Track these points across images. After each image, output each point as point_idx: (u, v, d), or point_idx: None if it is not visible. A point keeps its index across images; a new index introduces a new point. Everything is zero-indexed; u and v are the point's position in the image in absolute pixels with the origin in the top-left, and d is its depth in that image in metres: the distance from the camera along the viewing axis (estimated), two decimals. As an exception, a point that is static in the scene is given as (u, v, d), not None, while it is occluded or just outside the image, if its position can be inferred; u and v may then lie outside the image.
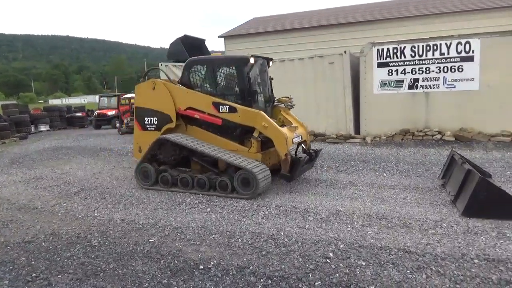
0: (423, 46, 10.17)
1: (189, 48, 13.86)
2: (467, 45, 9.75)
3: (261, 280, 3.57)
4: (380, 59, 10.61)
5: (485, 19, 14.83)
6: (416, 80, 10.34)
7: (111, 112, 20.74)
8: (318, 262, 3.87)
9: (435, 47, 10.06)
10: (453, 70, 9.95)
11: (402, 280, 3.44)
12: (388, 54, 10.52)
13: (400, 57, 10.42)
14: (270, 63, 7.49)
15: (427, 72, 10.20)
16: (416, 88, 10.38)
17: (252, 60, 6.54)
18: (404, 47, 10.36)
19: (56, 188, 7.46)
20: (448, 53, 9.94)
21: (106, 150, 12.18)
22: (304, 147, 7.19)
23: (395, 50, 10.45)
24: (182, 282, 3.60)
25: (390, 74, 10.56)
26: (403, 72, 10.43)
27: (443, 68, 10.04)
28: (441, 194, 5.98)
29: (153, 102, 7.11)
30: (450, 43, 9.89)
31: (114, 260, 4.15)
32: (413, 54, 10.29)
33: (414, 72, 10.33)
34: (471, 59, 9.75)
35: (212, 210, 5.69)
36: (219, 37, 19.94)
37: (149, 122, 7.22)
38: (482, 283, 3.32)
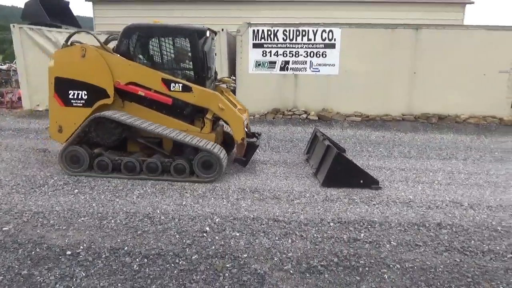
0: (293, 30, 10.93)
1: (49, 10, 12.13)
2: (330, 33, 10.85)
3: (137, 259, 3.50)
4: (256, 40, 11.04)
5: (347, 10, 16.60)
6: (287, 62, 11.11)
7: None
8: (195, 237, 3.96)
9: (304, 33, 10.92)
10: (318, 55, 10.99)
11: (271, 246, 3.79)
12: (262, 36, 11.01)
13: (274, 40, 11.01)
14: (216, 37, 6.93)
15: (297, 55, 11.04)
16: (287, 70, 11.16)
17: (208, 33, 6.02)
18: (277, 30, 10.97)
19: None
20: (315, 39, 10.91)
21: None
22: (247, 130, 7.10)
23: (269, 32, 10.99)
24: (46, 271, 3.29)
25: (264, 55, 11.10)
26: (276, 54, 11.08)
27: (310, 53, 11.00)
28: (306, 168, 6.68)
29: (81, 73, 5.95)
30: (316, 30, 10.86)
31: (-45, 255, 3.53)
32: (284, 38, 10.99)
33: (285, 55, 11.07)
34: (333, 46, 10.90)
35: (80, 191, 5.26)
36: (86, 0, 17.91)
37: (75, 97, 6.03)
38: (336, 242, 3.90)
